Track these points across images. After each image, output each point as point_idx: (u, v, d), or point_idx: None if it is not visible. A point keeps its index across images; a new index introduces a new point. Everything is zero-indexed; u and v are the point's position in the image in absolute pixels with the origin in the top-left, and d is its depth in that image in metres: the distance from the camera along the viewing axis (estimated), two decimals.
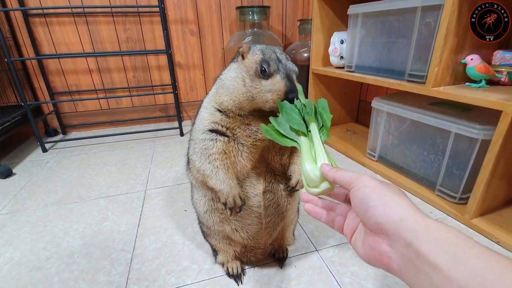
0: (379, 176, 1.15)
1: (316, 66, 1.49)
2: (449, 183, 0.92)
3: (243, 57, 0.52)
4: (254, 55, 0.50)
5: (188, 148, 0.59)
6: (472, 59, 0.85)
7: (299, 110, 0.44)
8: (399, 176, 1.10)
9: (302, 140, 0.42)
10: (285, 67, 0.49)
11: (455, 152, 0.89)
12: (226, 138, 0.53)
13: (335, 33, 1.35)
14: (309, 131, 0.43)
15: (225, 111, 0.53)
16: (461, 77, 0.91)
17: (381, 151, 1.20)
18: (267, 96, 0.47)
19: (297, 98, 0.46)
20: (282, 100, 0.46)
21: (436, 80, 0.87)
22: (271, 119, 0.45)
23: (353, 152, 1.33)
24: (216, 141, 0.53)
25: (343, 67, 1.36)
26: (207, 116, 0.54)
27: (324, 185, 0.38)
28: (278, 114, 0.45)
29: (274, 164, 0.57)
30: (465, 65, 0.87)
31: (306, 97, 0.48)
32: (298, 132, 0.43)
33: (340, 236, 0.81)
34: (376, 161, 1.22)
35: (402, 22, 0.99)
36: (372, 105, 1.17)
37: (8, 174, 1.24)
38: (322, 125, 0.44)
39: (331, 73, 1.37)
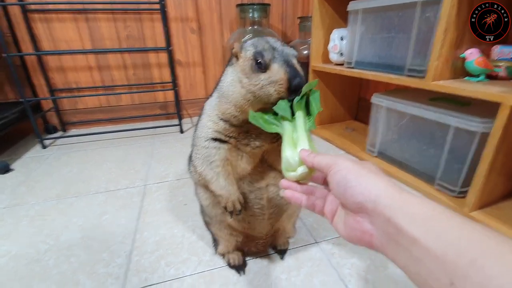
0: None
1: (316, 63, 1.50)
2: (448, 177, 0.93)
3: (237, 58, 0.49)
4: (247, 52, 0.47)
5: (191, 151, 0.60)
6: (471, 53, 0.85)
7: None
8: (399, 171, 1.10)
9: (286, 126, 0.42)
10: (282, 53, 0.45)
11: (454, 146, 0.89)
12: (229, 146, 0.53)
13: (334, 30, 1.36)
14: (294, 117, 0.42)
15: (228, 120, 0.52)
16: (460, 71, 0.91)
17: (380, 146, 1.20)
18: (269, 90, 0.43)
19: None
20: (287, 90, 0.43)
21: (436, 74, 0.88)
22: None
23: (353, 148, 1.33)
24: (219, 149, 0.53)
25: (342, 64, 1.36)
26: (210, 124, 0.53)
27: (302, 169, 0.38)
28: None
29: (276, 166, 0.58)
30: (464, 59, 0.88)
31: None
32: (283, 118, 0.43)
33: None
34: (376, 156, 1.22)
35: (402, 17, 1.00)
36: (371, 100, 1.17)
37: (6, 169, 1.24)
38: (310, 115, 0.44)
39: (331, 70, 1.37)
